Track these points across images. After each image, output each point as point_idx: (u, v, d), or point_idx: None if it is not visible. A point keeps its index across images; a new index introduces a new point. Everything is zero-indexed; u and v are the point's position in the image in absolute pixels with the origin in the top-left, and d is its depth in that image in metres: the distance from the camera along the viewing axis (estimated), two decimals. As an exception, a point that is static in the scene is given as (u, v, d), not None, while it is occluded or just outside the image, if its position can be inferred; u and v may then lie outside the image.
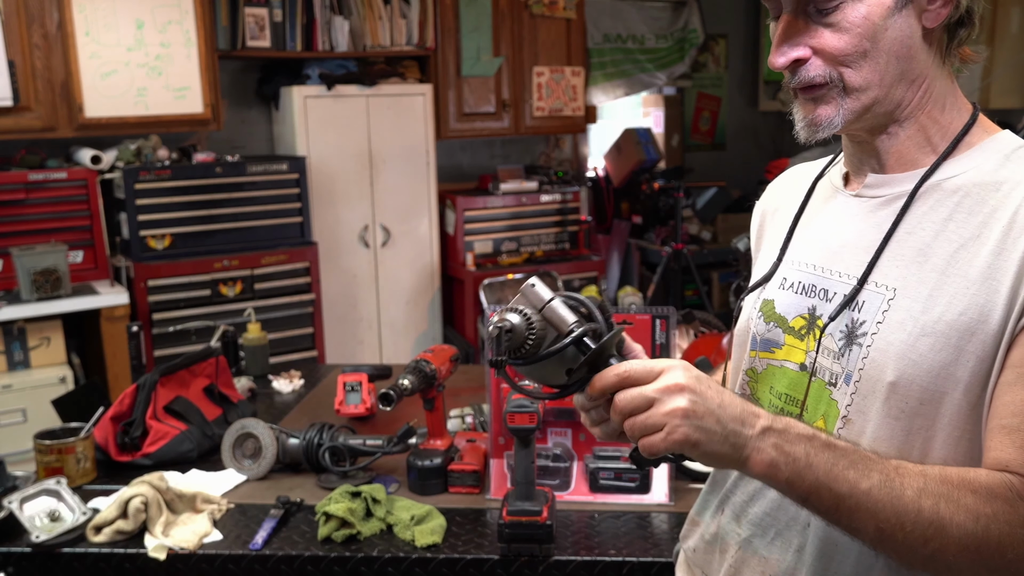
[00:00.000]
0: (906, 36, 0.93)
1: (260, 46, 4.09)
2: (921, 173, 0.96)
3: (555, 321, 0.91)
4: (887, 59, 0.93)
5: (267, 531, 1.57)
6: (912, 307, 0.92)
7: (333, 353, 4.30)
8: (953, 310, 0.89)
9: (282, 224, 4.04)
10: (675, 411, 0.84)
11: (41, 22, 3.51)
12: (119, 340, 3.48)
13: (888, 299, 0.94)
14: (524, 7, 4.76)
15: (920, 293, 0.92)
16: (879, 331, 0.94)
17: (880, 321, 0.94)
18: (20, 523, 1.54)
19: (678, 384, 0.85)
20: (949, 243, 0.92)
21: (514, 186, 4.77)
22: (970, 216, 0.92)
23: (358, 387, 2.06)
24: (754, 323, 1.09)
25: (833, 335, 0.98)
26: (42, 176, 3.57)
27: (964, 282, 0.90)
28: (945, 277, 0.91)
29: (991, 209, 0.91)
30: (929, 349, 0.90)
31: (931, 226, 0.94)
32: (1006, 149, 0.95)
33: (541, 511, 1.48)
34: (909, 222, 0.96)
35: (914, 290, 0.93)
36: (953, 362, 0.89)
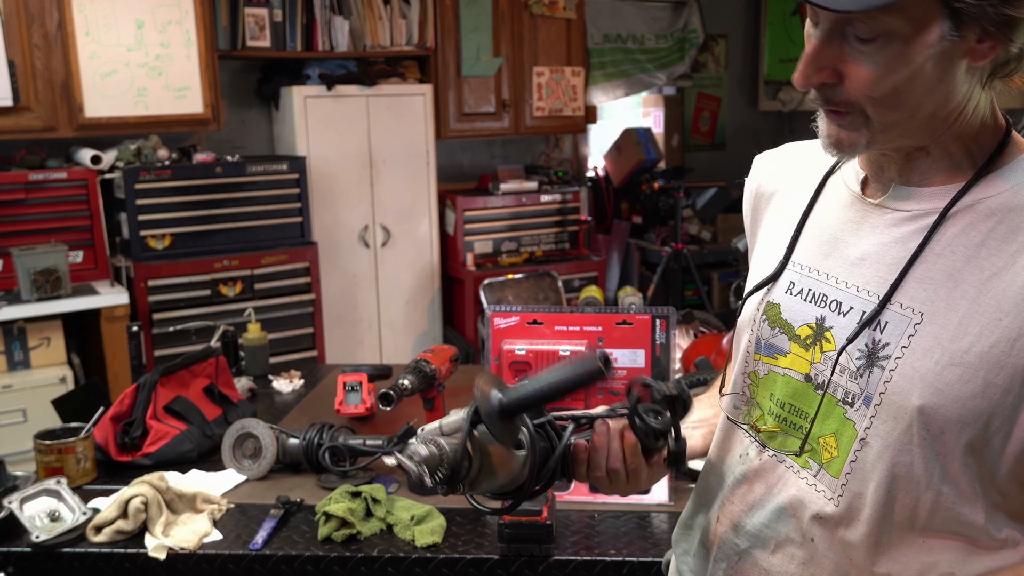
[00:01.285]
0: (945, 74, 0.86)
1: (260, 46, 4.10)
2: (950, 190, 0.91)
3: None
4: (919, 99, 0.87)
5: (267, 531, 1.57)
6: (941, 334, 0.89)
7: (333, 353, 4.30)
8: (984, 342, 0.86)
9: (282, 224, 4.04)
10: None
11: (41, 22, 3.51)
12: (119, 340, 3.48)
13: (915, 323, 0.91)
14: (524, 7, 4.76)
15: (950, 320, 0.89)
16: (904, 355, 0.91)
17: (905, 346, 0.91)
18: (20, 523, 1.54)
19: None
20: (981, 271, 0.88)
21: (514, 186, 4.77)
22: (1004, 243, 0.88)
23: (358, 387, 2.06)
24: (757, 325, 1.07)
25: (851, 354, 0.95)
26: (42, 176, 3.57)
27: (997, 313, 0.86)
28: (976, 306, 0.87)
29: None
30: (956, 379, 0.87)
31: (963, 250, 0.89)
32: None
33: (541, 511, 1.48)
34: (939, 243, 0.91)
35: (943, 316, 0.89)
36: (980, 394, 0.86)
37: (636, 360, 1.65)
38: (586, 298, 4.27)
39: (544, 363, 1.65)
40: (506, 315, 1.67)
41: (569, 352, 1.65)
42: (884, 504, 0.93)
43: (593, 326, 1.65)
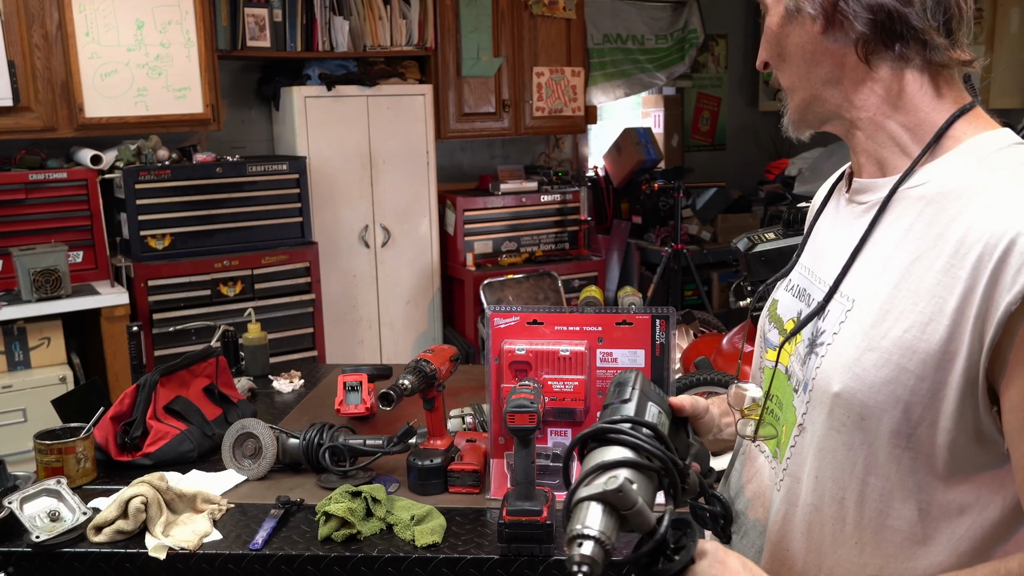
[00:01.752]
0: (805, 42, 0.96)
1: (260, 46, 4.10)
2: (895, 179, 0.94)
3: (638, 524, 0.93)
4: (797, 62, 0.97)
5: (267, 531, 1.57)
6: (864, 320, 0.91)
7: (333, 353, 4.30)
8: (899, 326, 0.88)
9: (282, 224, 4.04)
10: None
11: (41, 22, 3.51)
12: (119, 340, 3.48)
13: (847, 310, 0.94)
14: (524, 7, 4.76)
15: (873, 306, 0.91)
16: (833, 342, 0.94)
17: (836, 332, 0.94)
18: (20, 523, 1.54)
19: None
20: (906, 255, 0.90)
21: (514, 186, 4.77)
22: (929, 227, 0.89)
23: (358, 387, 2.06)
24: (763, 322, 1.12)
25: (802, 342, 1.00)
26: (42, 176, 3.57)
27: (913, 298, 0.87)
28: (897, 291, 0.89)
29: (949, 219, 0.87)
30: (872, 364, 0.89)
31: (893, 237, 0.92)
32: (983, 152, 0.90)
33: (541, 511, 1.48)
34: (879, 231, 0.94)
35: (868, 303, 0.92)
36: (894, 379, 0.87)
37: (636, 360, 1.65)
38: (586, 298, 4.27)
39: (544, 363, 1.65)
40: (506, 315, 1.67)
41: (569, 352, 1.64)
42: (815, 491, 0.96)
43: (593, 326, 1.65)
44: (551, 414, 1.67)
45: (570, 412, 1.66)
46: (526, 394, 1.49)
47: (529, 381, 1.58)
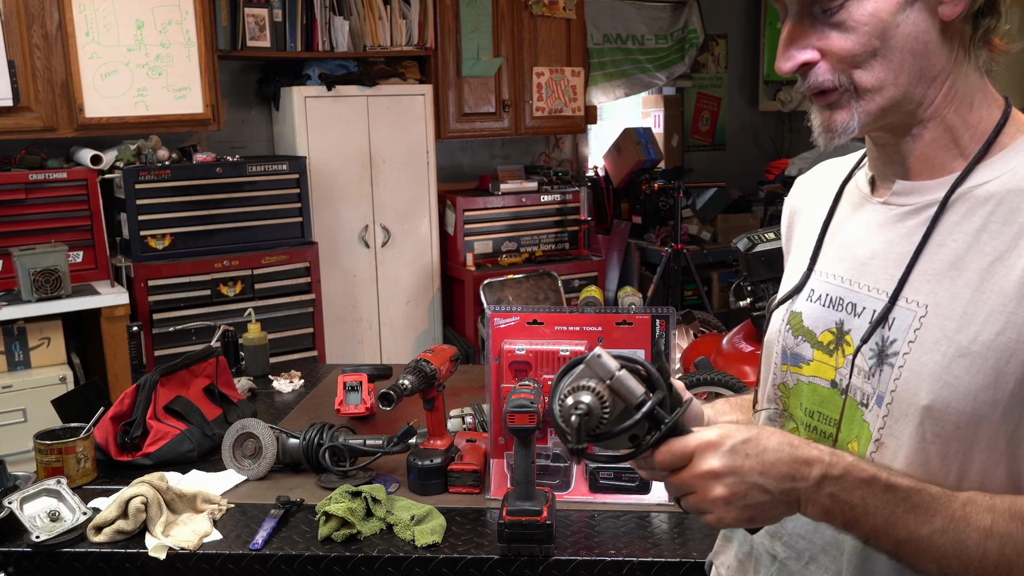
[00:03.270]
0: (921, 31, 0.86)
1: (260, 46, 4.10)
2: (950, 179, 0.90)
3: (623, 394, 0.88)
4: (901, 57, 0.87)
5: (267, 531, 1.57)
6: (946, 325, 0.87)
7: (333, 353, 4.30)
8: (990, 329, 0.84)
9: (282, 224, 4.04)
10: (715, 500, 0.85)
11: (41, 22, 3.51)
12: (119, 340, 3.48)
13: (920, 316, 0.89)
14: (524, 7, 4.76)
15: (954, 311, 0.87)
16: (911, 351, 0.89)
17: (912, 340, 0.89)
18: (20, 523, 1.54)
19: (711, 470, 0.84)
20: (983, 256, 0.86)
21: (514, 186, 4.77)
22: (1004, 226, 0.85)
23: (358, 387, 2.06)
24: (783, 336, 1.06)
25: (864, 354, 0.94)
26: (42, 176, 3.57)
27: (1001, 299, 0.84)
28: (980, 293, 0.85)
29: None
30: (965, 371, 0.85)
31: (963, 237, 0.88)
32: None
33: (541, 511, 1.48)
34: (940, 233, 0.89)
35: (947, 307, 0.87)
36: (991, 384, 0.84)
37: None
38: (586, 298, 4.27)
39: (544, 363, 1.65)
40: (506, 315, 1.67)
41: (569, 352, 1.64)
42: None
43: (593, 326, 1.65)
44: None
45: (570, 412, 1.66)
46: (526, 394, 1.49)
47: (529, 381, 1.58)
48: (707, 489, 0.85)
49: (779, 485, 0.85)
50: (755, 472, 0.84)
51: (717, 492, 0.85)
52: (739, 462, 0.85)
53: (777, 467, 0.85)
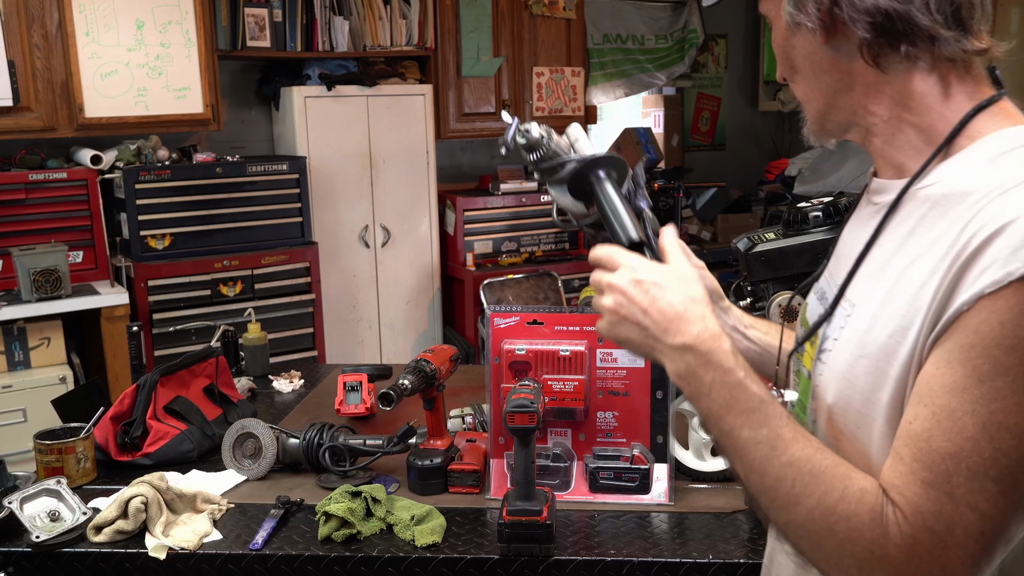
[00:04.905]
0: (811, 52, 0.93)
1: (260, 46, 4.10)
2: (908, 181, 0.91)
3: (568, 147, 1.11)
4: (808, 73, 0.95)
5: (267, 531, 1.57)
6: (859, 326, 0.89)
7: (333, 353, 4.30)
8: (885, 332, 0.85)
9: (282, 224, 4.04)
10: (603, 307, 0.97)
11: (41, 22, 3.51)
12: (119, 340, 3.48)
13: (847, 316, 0.92)
14: (524, 7, 4.76)
15: (869, 312, 0.88)
16: (833, 349, 0.93)
17: (836, 339, 0.93)
18: (20, 523, 1.54)
19: (612, 283, 0.96)
20: (905, 258, 0.86)
21: (514, 186, 4.77)
22: (929, 230, 0.85)
23: (358, 387, 2.06)
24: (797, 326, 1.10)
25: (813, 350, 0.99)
26: (42, 176, 3.57)
27: (901, 301, 0.84)
28: (890, 295, 0.86)
29: (948, 222, 0.83)
30: (864, 372, 0.87)
31: (896, 239, 0.89)
32: (994, 152, 0.85)
33: (541, 511, 1.48)
34: (884, 234, 0.92)
35: (865, 308, 0.89)
36: (880, 387, 0.85)
37: (636, 360, 1.65)
38: (586, 298, 4.27)
39: (544, 363, 1.65)
40: (506, 315, 1.67)
41: (569, 352, 1.64)
42: None
43: (593, 326, 1.65)
44: (551, 414, 1.67)
45: (570, 412, 1.67)
46: (526, 394, 1.49)
47: (529, 381, 1.58)
48: (602, 295, 0.97)
49: (652, 329, 0.93)
50: (640, 307, 0.94)
51: (605, 302, 0.96)
52: (634, 292, 0.94)
53: (660, 314, 0.93)
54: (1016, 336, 0.76)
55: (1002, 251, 0.76)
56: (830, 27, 0.89)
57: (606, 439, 1.69)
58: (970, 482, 0.77)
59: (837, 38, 0.90)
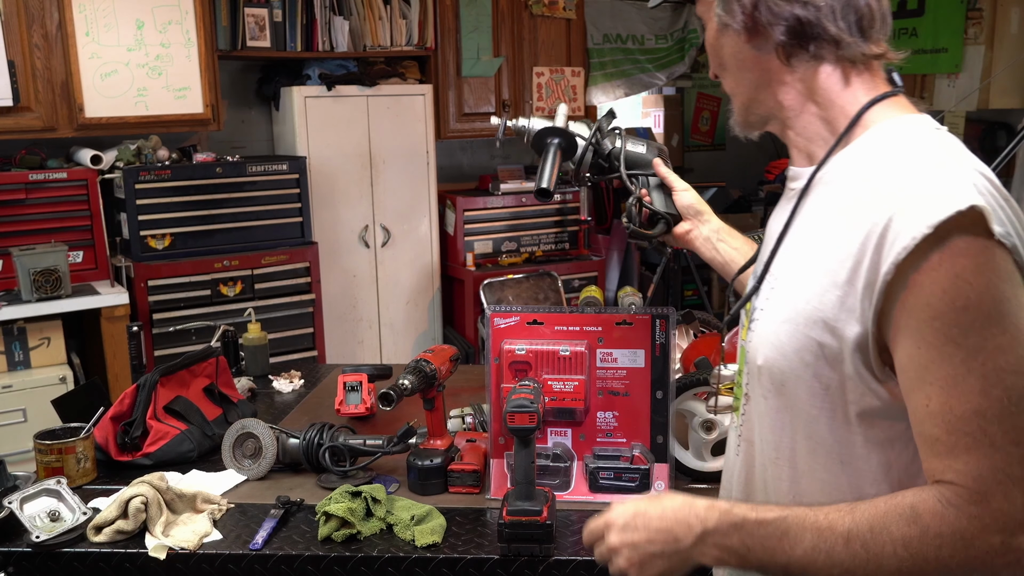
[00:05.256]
0: (737, 51, 1.06)
1: (260, 46, 4.10)
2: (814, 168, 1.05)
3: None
4: (734, 70, 1.09)
5: (267, 531, 1.57)
6: (782, 295, 1.03)
7: (333, 353, 4.30)
8: (803, 297, 0.98)
9: (282, 224, 4.04)
10: (623, 569, 1.05)
11: (41, 22, 3.51)
12: (119, 340, 3.48)
13: (772, 287, 1.06)
14: (524, 7, 4.76)
15: (789, 282, 1.03)
16: (760, 318, 1.06)
17: (763, 309, 1.06)
18: (20, 523, 1.54)
19: (610, 547, 1.05)
20: (817, 235, 1.00)
21: (514, 186, 4.77)
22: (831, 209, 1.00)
23: (358, 387, 2.06)
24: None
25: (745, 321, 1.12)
26: (42, 176, 3.57)
27: (815, 272, 0.97)
28: (807, 268, 0.99)
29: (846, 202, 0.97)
30: (787, 335, 1.00)
31: (808, 218, 1.04)
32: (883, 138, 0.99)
33: (541, 511, 1.48)
34: (799, 214, 1.06)
35: (787, 279, 1.03)
36: (803, 348, 0.98)
37: (636, 360, 1.65)
38: (586, 298, 4.27)
39: (544, 363, 1.65)
40: (506, 315, 1.67)
41: (569, 352, 1.64)
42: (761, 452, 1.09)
43: (593, 326, 1.65)
44: (551, 414, 1.67)
45: (570, 412, 1.67)
46: (526, 394, 1.49)
47: (529, 381, 1.58)
48: (614, 562, 1.05)
49: (668, 547, 1.01)
50: (644, 541, 1.02)
51: (620, 563, 1.04)
52: (629, 536, 1.03)
53: (663, 533, 1.01)
54: (963, 295, 0.86)
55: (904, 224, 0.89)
56: (752, 29, 1.03)
57: (606, 439, 1.69)
58: (1002, 425, 0.85)
59: (757, 39, 1.04)
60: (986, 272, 0.86)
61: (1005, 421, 0.85)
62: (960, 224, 0.86)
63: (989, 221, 0.87)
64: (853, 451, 0.99)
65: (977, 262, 0.86)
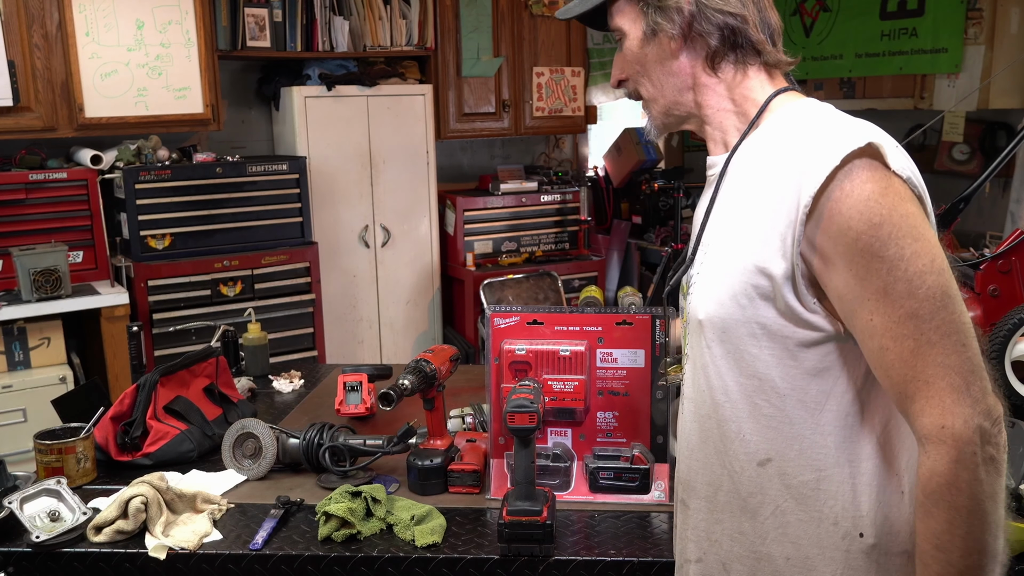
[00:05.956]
0: (664, 58, 1.19)
1: (260, 46, 4.10)
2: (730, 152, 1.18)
3: None
4: (658, 76, 1.21)
5: (267, 531, 1.57)
6: (715, 258, 1.15)
7: (333, 353, 4.30)
8: (733, 251, 1.11)
9: (282, 224, 4.04)
10: None
11: (41, 22, 3.51)
12: (119, 340, 3.48)
13: (704, 254, 1.18)
14: (524, 7, 4.76)
15: (719, 245, 1.15)
16: (697, 282, 1.18)
17: (698, 273, 1.19)
18: (20, 523, 1.54)
19: None
20: (739, 204, 1.13)
21: (514, 186, 4.77)
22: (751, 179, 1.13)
23: (358, 387, 2.06)
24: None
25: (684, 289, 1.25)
26: (42, 176, 3.57)
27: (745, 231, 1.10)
28: (731, 227, 1.13)
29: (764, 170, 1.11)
30: (722, 286, 1.12)
31: (730, 193, 1.17)
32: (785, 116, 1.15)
33: (541, 511, 1.48)
34: (721, 193, 1.18)
35: (718, 245, 1.16)
36: (739, 292, 1.10)
37: (636, 360, 1.65)
38: (586, 298, 4.27)
39: (544, 363, 1.65)
40: (506, 315, 1.67)
41: (569, 352, 1.64)
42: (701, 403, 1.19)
43: (593, 326, 1.65)
44: (551, 414, 1.67)
45: (570, 412, 1.67)
46: (526, 394, 1.49)
47: (529, 381, 1.58)
48: None
49: None
50: None
51: None
52: None
53: None
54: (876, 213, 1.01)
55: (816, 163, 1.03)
56: (688, 36, 1.16)
57: (606, 439, 1.69)
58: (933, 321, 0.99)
59: (689, 46, 1.17)
60: (890, 194, 1.02)
61: (936, 316, 0.99)
62: (861, 156, 1.02)
63: (885, 156, 1.03)
64: (795, 383, 1.10)
65: (882, 186, 1.02)
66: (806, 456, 1.11)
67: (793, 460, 1.11)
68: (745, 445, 1.14)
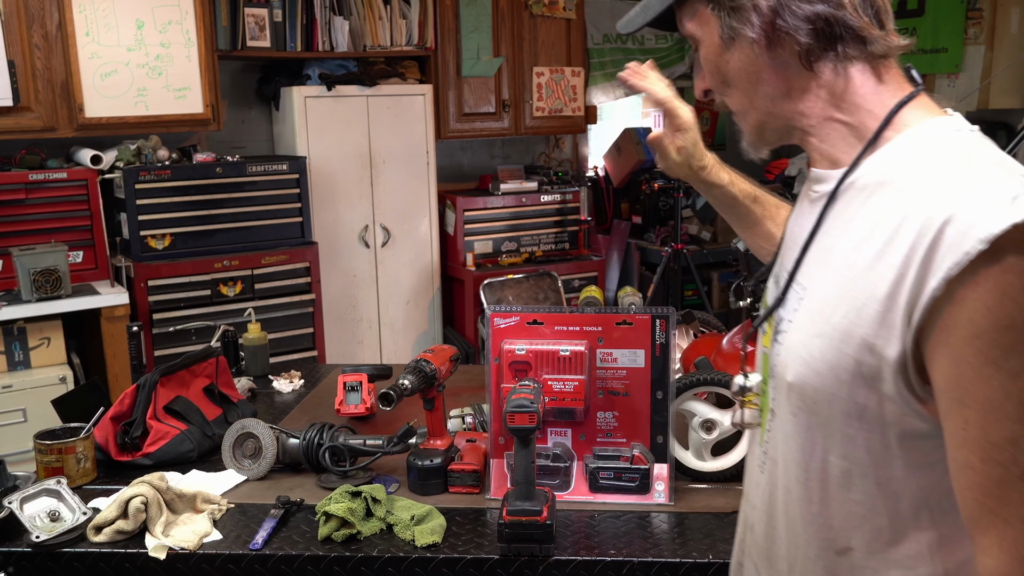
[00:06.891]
0: (748, 64, 0.98)
1: (260, 46, 4.10)
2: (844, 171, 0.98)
3: None
4: (744, 86, 1.00)
5: (267, 531, 1.57)
6: (812, 307, 0.96)
7: (333, 353, 4.30)
8: (839, 312, 0.92)
9: (282, 224, 4.04)
10: None
11: (41, 22, 3.51)
12: (119, 340, 3.48)
13: (800, 298, 0.99)
14: (524, 7, 4.76)
15: (820, 293, 0.96)
16: (789, 330, 1.00)
17: (791, 320, 1.00)
18: (20, 523, 1.54)
19: None
20: (848, 243, 0.93)
21: (514, 186, 4.77)
22: (866, 216, 0.93)
23: (358, 387, 2.06)
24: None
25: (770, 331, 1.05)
26: (42, 176, 3.57)
27: (850, 284, 0.91)
28: (840, 278, 0.93)
29: (883, 208, 0.91)
30: (819, 350, 0.93)
31: (839, 225, 0.97)
32: (916, 142, 0.94)
33: (541, 511, 1.48)
34: (828, 220, 0.99)
35: (817, 290, 0.97)
36: (837, 364, 0.92)
37: (636, 360, 1.65)
38: (586, 298, 4.27)
39: (544, 363, 1.65)
40: (506, 315, 1.67)
41: (569, 352, 1.64)
42: (786, 472, 1.02)
43: (593, 326, 1.65)
44: (551, 414, 1.67)
45: (570, 412, 1.67)
46: (526, 394, 1.49)
47: (529, 381, 1.58)
48: None
49: None
50: None
51: None
52: None
53: None
54: (1008, 315, 0.81)
55: (954, 237, 0.82)
56: (772, 37, 0.95)
57: (606, 439, 1.69)
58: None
59: (776, 47, 0.96)
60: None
61: None
62: (1013, 239, 0.80)
63: None
64: (891, 474, 0.93)
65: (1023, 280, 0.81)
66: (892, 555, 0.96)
67: (878, 555, 0.96)
68: (827, 530, 0.99)
